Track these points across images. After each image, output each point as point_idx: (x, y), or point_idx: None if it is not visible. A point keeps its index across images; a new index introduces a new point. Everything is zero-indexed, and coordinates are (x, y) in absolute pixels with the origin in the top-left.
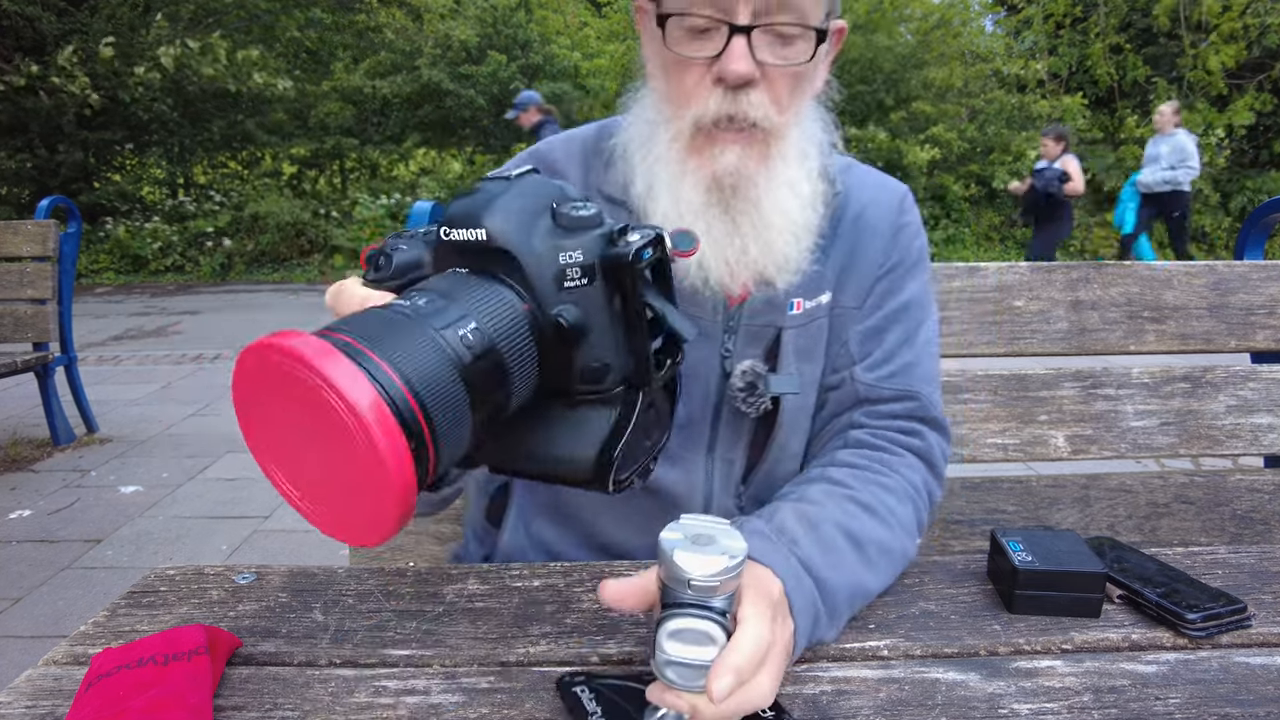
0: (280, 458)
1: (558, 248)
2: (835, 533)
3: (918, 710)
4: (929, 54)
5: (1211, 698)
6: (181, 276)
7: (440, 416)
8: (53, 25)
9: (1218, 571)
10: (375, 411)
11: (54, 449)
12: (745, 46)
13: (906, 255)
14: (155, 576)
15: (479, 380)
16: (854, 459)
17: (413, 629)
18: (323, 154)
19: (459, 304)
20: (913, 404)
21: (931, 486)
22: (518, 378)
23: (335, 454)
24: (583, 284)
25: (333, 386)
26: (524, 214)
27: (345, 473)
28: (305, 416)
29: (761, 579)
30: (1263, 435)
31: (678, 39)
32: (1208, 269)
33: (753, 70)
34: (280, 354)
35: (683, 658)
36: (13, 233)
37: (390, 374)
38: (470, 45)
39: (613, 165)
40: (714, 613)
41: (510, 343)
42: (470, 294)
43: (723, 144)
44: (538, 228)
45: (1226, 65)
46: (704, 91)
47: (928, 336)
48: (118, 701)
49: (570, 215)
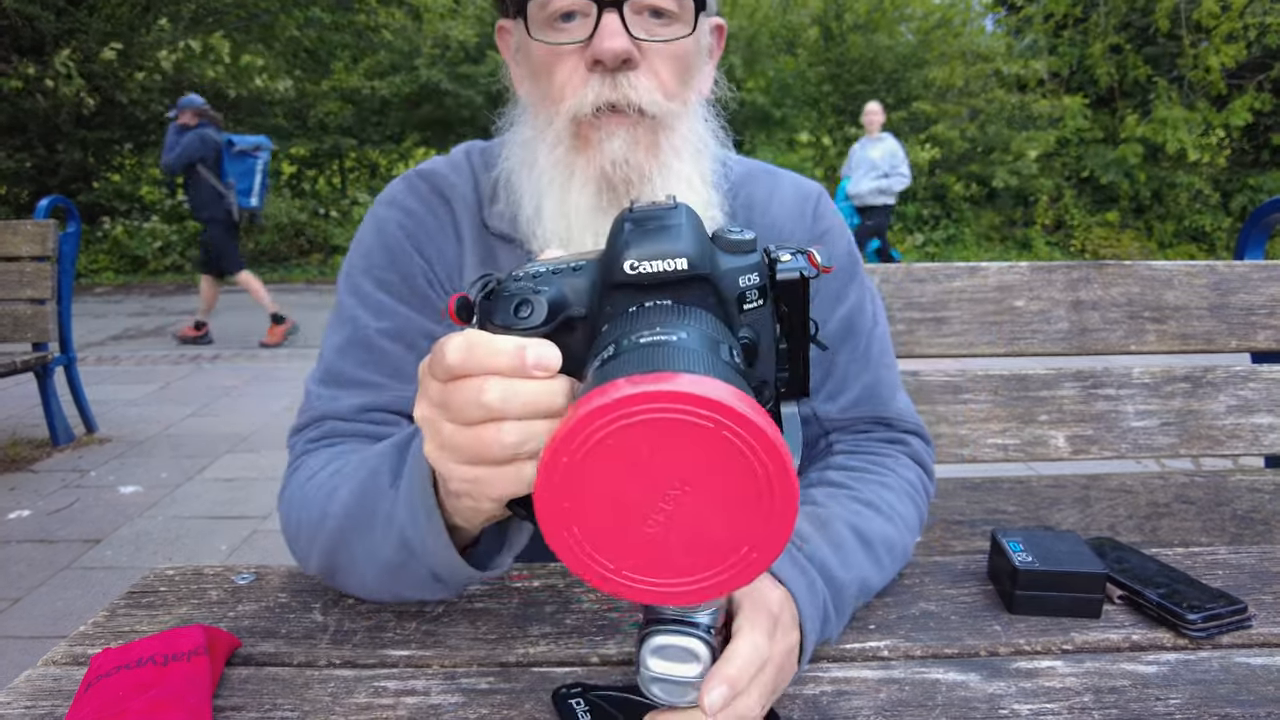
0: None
1: (737, 271)
2: (845, 530)
3: (918, 711)
4: (929, 54)
5: (1212, 698)
6: (181, 276)
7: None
8: (52, 25)
9: (1218, 572)
10: (783, 448)
11: (53, 449)
12: (619, 22)
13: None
14: (154, 577)
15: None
16: (850, 463)
17: (412, 629)
18: (322, 153)
19: (704, 332)
20: (885, 427)
21: (927, 485)
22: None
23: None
24: (758, 305)
25: (750, 427)
26: (706, 240)
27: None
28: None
29: (759, 590)
30: (1263, 435)
31: (542, 27)
32: (1208, 269)
33: (629, 46)
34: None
35: (667, 674)
36: (12, 233)
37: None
38: (469, 45)
39: (497, 200)
40: (698, 629)
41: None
42: (697, 324)
43: (607, 129)
44: (715, 252)
45: (1226, 65)
46: (579, 81)
47: (881, 345)
48: (117, 702)
49: (730, 240)
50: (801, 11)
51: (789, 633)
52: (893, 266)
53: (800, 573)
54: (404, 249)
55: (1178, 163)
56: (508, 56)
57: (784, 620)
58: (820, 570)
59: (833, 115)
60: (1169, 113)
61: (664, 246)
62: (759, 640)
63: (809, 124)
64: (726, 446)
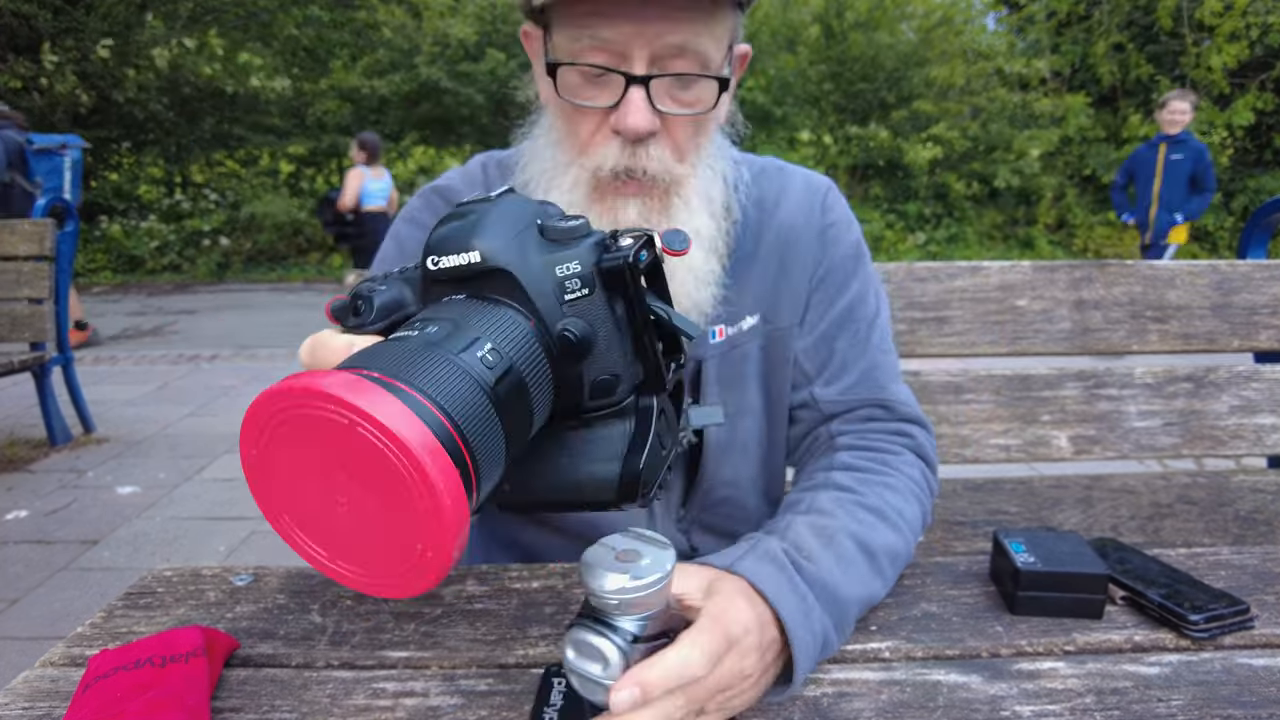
0: (303, 516)
1: (553, 261)
2: (850, 544)
3: (919, 712)
4: (931, 52)
5: (1214, 699)
6: (178, 276)
7: (479, 444)
8: (49, 23)
9: (1221, 572)
10: (427, 446)
11: (51, 449)
12: (643, 98)
13: (838, 257)
14: (152, 578)
15: (507, 402)
16: (856, 461)
17: (411, 630)
18: (320, 152)
19: (469, 328)
20: (884, 410)
21: (931, 481)
22: (537, 397)
23: (376, 500)
24: (584, 295)
25: (375, 423)
26: (514, 231)
27: (390, 518)
28: (336, 464)
29: (725, 607)
30: (1266, 435)
31: (571, 87)
32: (1211, 269)
33: (653, 124)
34: (305, 396)
35: (578, 668)
36: (9, 232)
37: (426, 404)
38: (469, 43)
39: None
40: (616, 633)
41: (526, 361)
42: (476, 317)
43: (624, 197)
44: (529, 244)
45: (1228, 65)
46: (602, 141)
47: (881, 334)
48: (115, 703)
49: (558, 228)
50: (802, 10)
51: (745, 656)
52: (894, 265)
53: (798, 598)
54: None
55: None
56: (534, 59)
57: (745, 643)
58: (822, 592)
59: (834, 114)
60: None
61: (460, 242)
62: (691, 655)
63: (810, 122)
64: (367, 445)
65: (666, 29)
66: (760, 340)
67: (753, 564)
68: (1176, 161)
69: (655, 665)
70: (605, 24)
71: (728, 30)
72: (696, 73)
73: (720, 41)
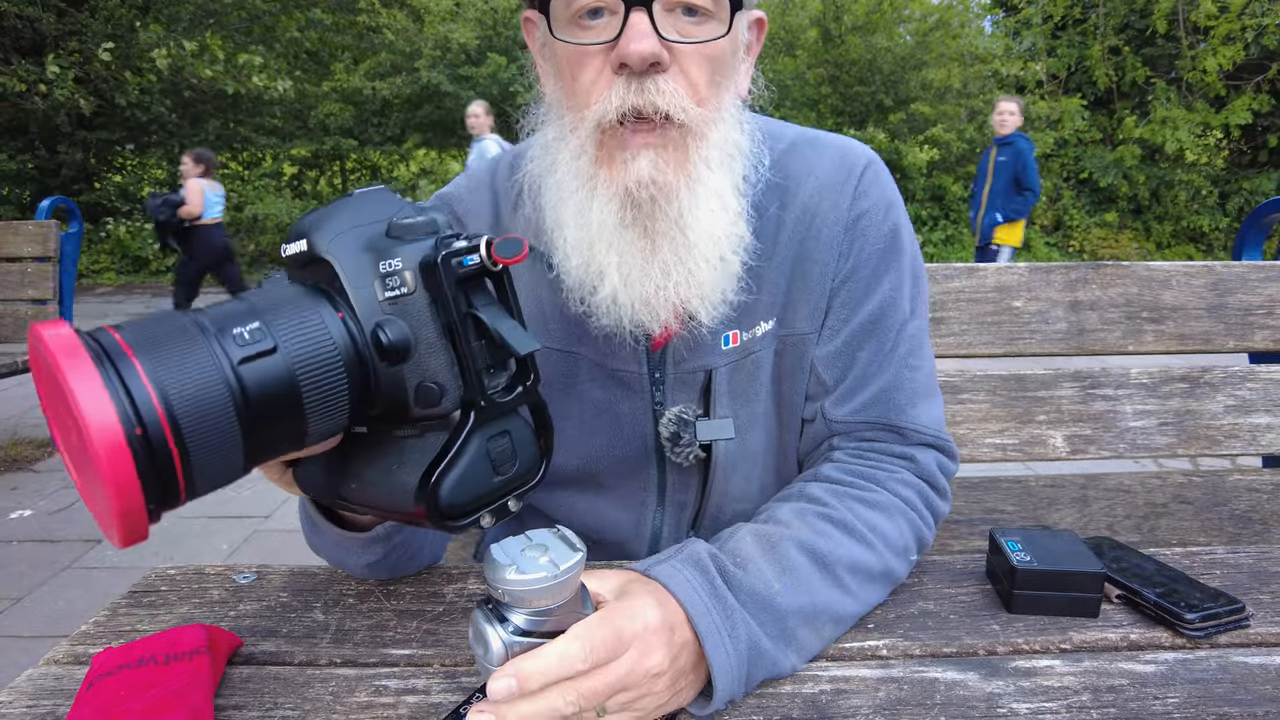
0: (62, 433)
1: (379, 256)
2: (798, 554)
3: (917, 710)
4: (928, 55)
5: (1210, 697)
6: None
7: (197, 437)
8: (52, 26)
9: (1216, 571)
10: (106, 433)
11: (54, 449)
12: (648, 23)
13: (867, 252)
14: (156, 576)
15: (258, 401)
16: (838, 474)
17: (413, 628)
18: (322, 154)
19: (257, 310)
20: (894, 434)
21: (933, 500)
22: (313, 387)
23: (79, 453)
24: (403, 293)
25: (72, 395)
26: (353, 225)
27: (86, 474)
28: (62, 407)
29: (622, 611)
30: (1261, 435)
31: (566, 25)
32: (1206, 269)
33: (658, 49)
34: (36, 339)
35: (473, 648)
36: (14, 233)
37: (147, 386)
38: (470, 47)
39: (520, 206)
40: (500, 622)
41: (305, 349)
42: (276, 300)
43: (633, 147)
44: (367, 238)
45: (1224, 67)
46: (604, 84)
47: (910, 345)
48: (118, 701)
49: (400, 224)
50: (800, 13)
51: (647, 655)
52: None
53: (716, 602)
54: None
55: (1176, 163)
56: (534, 49)
57: (646, 642)
58: (749, 599)
59: (832, 116)
60: (1168, 113)
61: (299, 230)
62: (570, 649)
63: (808, 125)
64: (69, 408)
65: None
66: (775, 346)
67: (670, 568)
68: (1003, 163)
69: (535, 657)
70: None
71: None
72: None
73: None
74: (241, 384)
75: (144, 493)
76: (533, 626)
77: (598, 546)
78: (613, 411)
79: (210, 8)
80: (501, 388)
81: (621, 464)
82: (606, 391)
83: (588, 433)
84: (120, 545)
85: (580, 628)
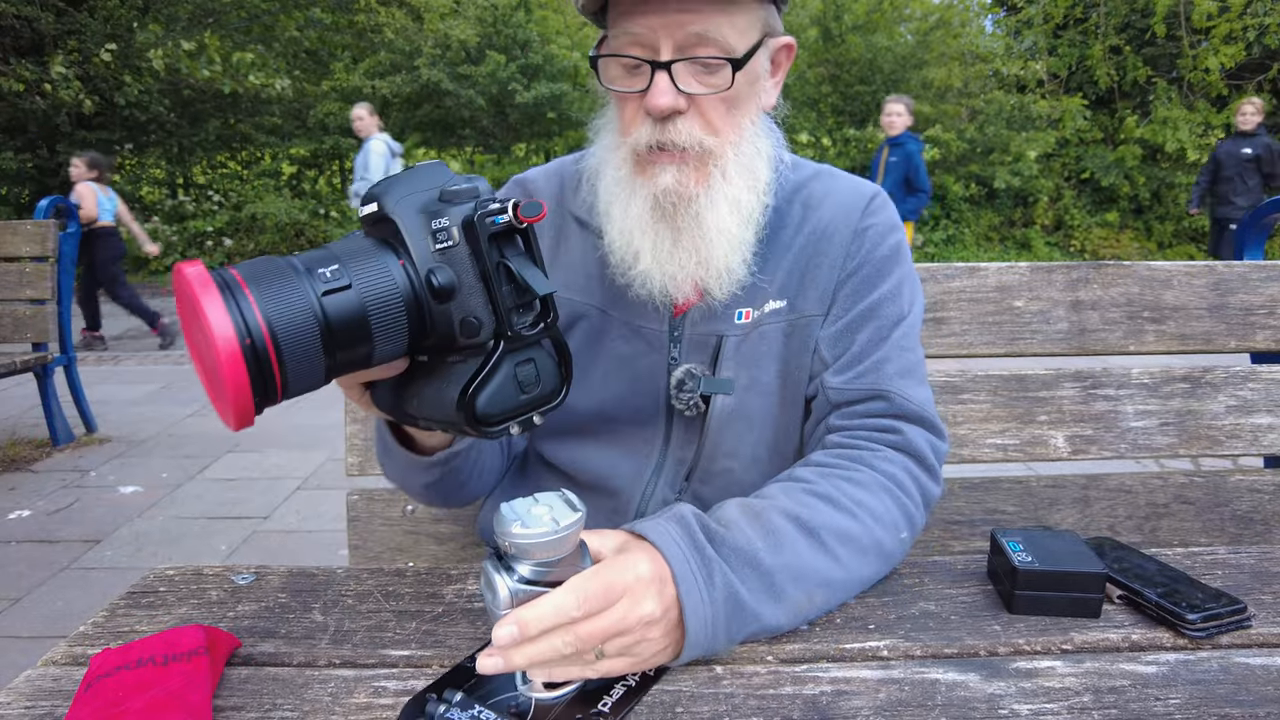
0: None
1: (432, 214)
2: (781, 519)
3: (917, 711)
4: (928, 54)
5: (1211, 698)
6: None
7: (290, 349)
8: (51, 26)
9: (1217, 572)
10: (223, 342)
11: (53, 449)
12: (668, 81)
13: (874, 256)
14: (154, 577)
15: (337, 325)
16: (825, 459)
17: (412, 629)
18: (321, 154)
19: (338, 255)
20: (883, 403)
21: (921, 479)
22: (380, 316)
23: (205, 360)
24: (449, 245)
25: (202, 314)
26: (412, 191)
27: (209, 375)
28: (195, 326)
29: (614, 564)
30: (1262, 435)
31: (613, 77)
32: (1208, 269)
33: (676, 102)
34: (181, 277)
35: (483, 594)
36: (12, 233)
37: (255, 310)
38: (470, 45)
39: (580, 189)
40: (508, 571)
41: (374, 285)
42: (353, 249)
43: (659, 165)
44: (423, 202)
45: (1225, 66)
46: (639, 122)
47: (905, 332)
48: (117, 702)
49: (450, 190)
50: (800, 12)
51: (640, 603)
52: None
53: (695, 551)
54: None
55: (1177, 163)
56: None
57: (639, 591)
58: (733, 554)
59: (832, 116)
60: (1168, 113)
61: (371, 195)
62: (565, 599)
63: (808, 125)
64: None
65: (687, 20)
66: (783, 325)
67: (655, 523)
68: (894, 163)
69: (533, 606)
70: (636, 19)
71: (753, 22)
72: (714, 56)
73: (743, 31)
74: (324, 311)
75: (251, 389)
76: (536, 577)
77: (599, 494)
78: (633, 365)
79: (209, 7)
80: (528, 324)
81: (635, 413)
82: (631, 346)
83: (610, 382)
84: (234, 428)
85: (576, 579)
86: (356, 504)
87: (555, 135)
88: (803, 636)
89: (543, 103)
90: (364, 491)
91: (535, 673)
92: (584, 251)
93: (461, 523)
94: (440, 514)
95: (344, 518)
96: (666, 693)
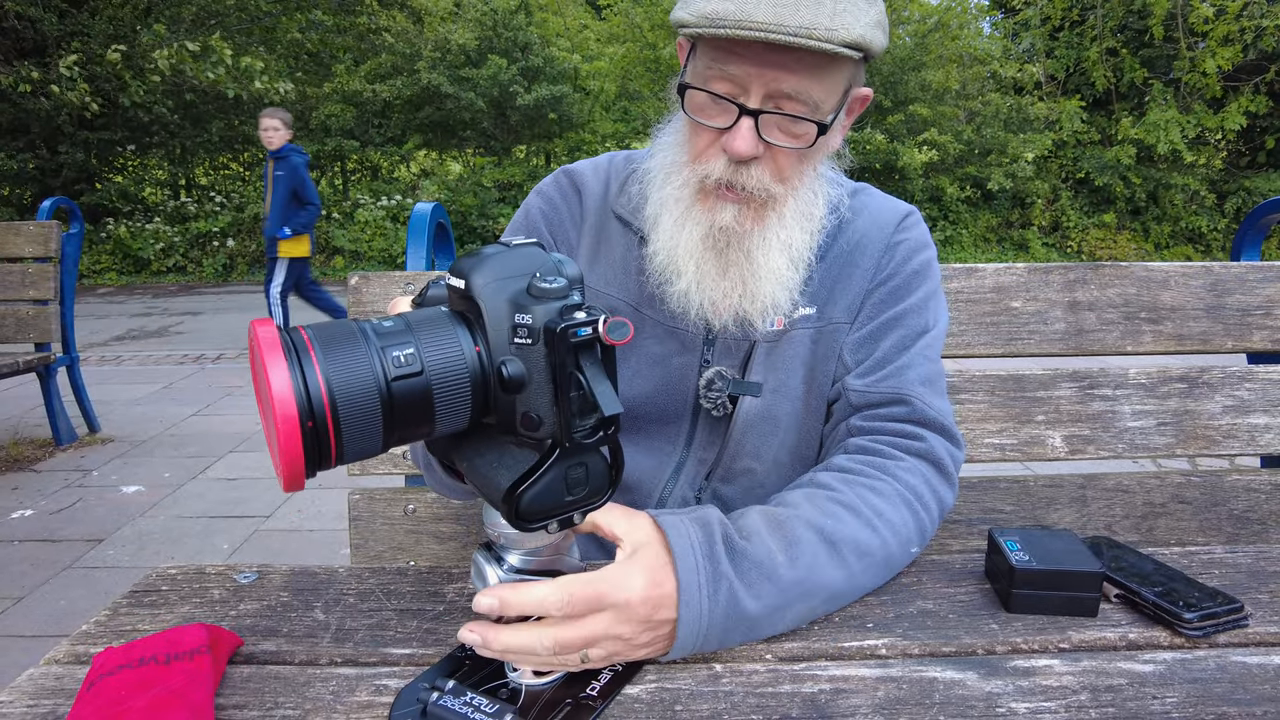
0: (261, 401)
1: (516, 308)
2: (804, 530)
3: (915, 709)
4: (926, 56)
5: (1208, 697)
6: (183, 277)
7: (349, 419)
8: (54, 27)
9: (1214, 571)
10: (284, 406)
11: (56, 449)
12: (752, 128)
13: (904, 270)
14: (157, 576)
15: (398, 395)
16: (849, 464)
17: (414, 628)
18: (324, 155)
19: (415, 331)
20: (905, 408)
21: (940, 489)
22: (446, 402)
23: (267, 420)
24: (527, 343)
25: (267, 376)
26: (503, 276)
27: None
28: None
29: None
30: (1259, 435)
31: (696, 106)
32: (1204, 270)
33: (755, 150)
34: (252, 332)
35: (473, 582)
36: (15, 233)
37: (319, 376)
38: (470, 48)
39: (628, 188)
40: (500, 564)
41: (445, 373)
42: (433, 326)
43: (724, 201)
44: (510, 290)
45: (1222, 68)
46: (713, 155)
47: (928, 344)
48: (119, 701)
49: (539, 286)
50: None
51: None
52: None
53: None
54: (538, 227)
55: (1173, 165)
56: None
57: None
58: (753, 568)
59: None
60: (1164, 115)
61: (463, 270)
62: (550, 595)
63: None
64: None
65: (783, 76)
66: (811, 331)
67: (679, 524)
68: (280, 177)
69: (518, 590)
70: (735, 61)
71: (842, 80)
72: (802, 116)
73: (832, 90)
74: (390, 393)
75: (305, 459)
76: (525, 565)
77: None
78: (665, 365)
79: (212, 9)
80: (587, 430)
81: (661, 411)
82: (664, 346)
83: (639, 379)
84: (285, 490)
85: (567, 580)
86: (358, 503)
87: (556, 137)
88: (801, 635)
89: (543, 104)
90: (365, 491)
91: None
92: (625, 249)
93: (463, 522)
94: (441, 513)
95: (345, 517)
96: (666, 691)
